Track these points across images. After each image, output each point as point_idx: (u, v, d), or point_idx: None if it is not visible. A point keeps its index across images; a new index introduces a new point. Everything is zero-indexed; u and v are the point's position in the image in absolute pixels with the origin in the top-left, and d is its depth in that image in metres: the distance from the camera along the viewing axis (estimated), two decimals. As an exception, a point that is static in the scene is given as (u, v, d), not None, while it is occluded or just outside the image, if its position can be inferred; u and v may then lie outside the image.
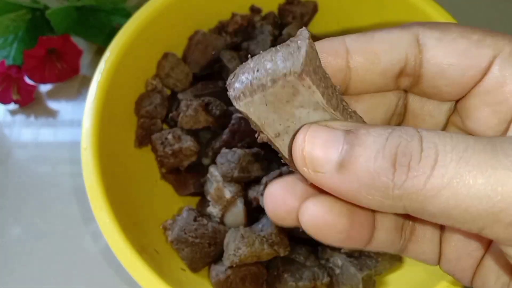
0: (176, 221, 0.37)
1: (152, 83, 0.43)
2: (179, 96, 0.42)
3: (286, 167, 0.36)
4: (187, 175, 0.41)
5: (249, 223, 0.38)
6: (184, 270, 0.37)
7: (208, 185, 0.39)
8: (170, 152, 0.39)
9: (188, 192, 0.41)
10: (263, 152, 0.38)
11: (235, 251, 0.35)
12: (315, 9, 0.46)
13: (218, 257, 0.37)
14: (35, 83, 0.49)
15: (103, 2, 0.48)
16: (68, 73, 0.49)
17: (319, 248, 0.38)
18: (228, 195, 0.38)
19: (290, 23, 0.45)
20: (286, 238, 0.36)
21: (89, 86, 0.37)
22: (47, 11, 0.46)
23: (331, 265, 0.37)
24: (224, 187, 0.38)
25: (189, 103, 0.40)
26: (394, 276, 0.37)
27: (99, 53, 0.49)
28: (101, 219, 0.33)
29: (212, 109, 0.40)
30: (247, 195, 0.38)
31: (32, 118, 0.49)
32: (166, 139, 0.40)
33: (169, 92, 0.44)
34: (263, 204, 0.30)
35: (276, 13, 0.47)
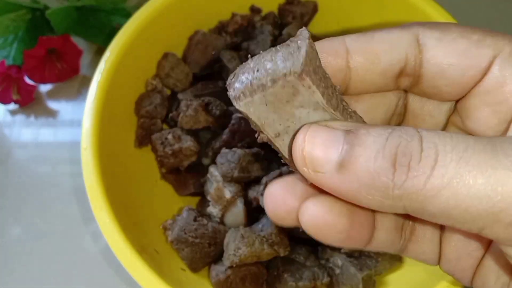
0: (176, 221, 0.37)
1: (152, 83, 0.43)
2: (179, 96, 0.42)
3: (286, 167, 0.36)
4: (187, 175, 0.41)
5: (249, 223, 0.38)
6: (184, 270, 0.37)
7: (208, 185, 0.39)
8: (170, 152, 0.39)
9: (188, 192, 0.41)
10: (263, 152, 0.38)
11: (235, 251, 0.35)
12: (315, 9, 0.46)
13: (218, 257, 0.37)
14: (35, 83, 0.49)
15: (103, 2, 0.48)
16: (68, 73, 0.49)
17: (319, 248, 0.38)
18: (228, 195, 0.38)
19: (290, 23, 0.45)
20: (286, 238, 0.36)
21: (89, 86, 0.37)
22: (47, 11, 0.46)
23: (331, 265, 0.37)
24: (224, 187, 0.38)
25: (189, 103, 0.40)
26: (394, 276, 0.37)
27: (99, 53, 0.49)
28: (101, 219, 0.33)
29: (212, 109, 0.40)
30: (247, 195, 0.38)
31: (32, 118, 0.49)
32: (166, 139, 0.40)
33: (169, 92, 0.44)
34: (263, 204, 0.30)
35: (276, 13, 0.47)
